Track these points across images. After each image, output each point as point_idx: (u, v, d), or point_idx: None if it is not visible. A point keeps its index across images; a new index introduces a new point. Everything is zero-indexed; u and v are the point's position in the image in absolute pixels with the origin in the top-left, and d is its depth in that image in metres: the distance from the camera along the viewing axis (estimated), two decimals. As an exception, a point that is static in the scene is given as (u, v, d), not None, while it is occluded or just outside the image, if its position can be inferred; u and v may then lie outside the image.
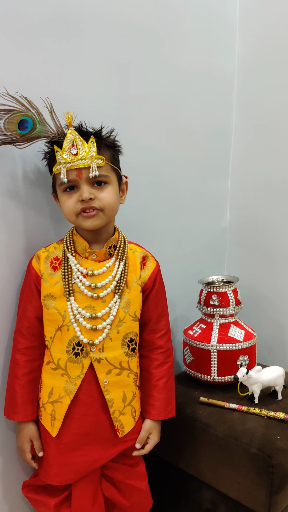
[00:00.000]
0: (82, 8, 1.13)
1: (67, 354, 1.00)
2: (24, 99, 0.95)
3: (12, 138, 0.94)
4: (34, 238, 1.11)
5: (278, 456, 1.06)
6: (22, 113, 0.94)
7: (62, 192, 0.98)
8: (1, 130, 0.93)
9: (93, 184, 0.96)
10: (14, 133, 0.94)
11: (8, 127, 0.93)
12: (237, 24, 1.59)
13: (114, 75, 1.23)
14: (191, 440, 1.21)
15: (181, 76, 1.43)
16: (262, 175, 1.59)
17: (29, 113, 0.95)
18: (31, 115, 0.95)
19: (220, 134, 1.62)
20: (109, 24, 1.19)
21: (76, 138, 0.93)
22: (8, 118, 0.93)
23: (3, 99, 0.94)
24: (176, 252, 1.54)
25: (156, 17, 1.32)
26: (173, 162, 1.47)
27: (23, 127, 0.94)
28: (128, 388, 1.04)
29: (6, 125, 0.93)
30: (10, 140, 0.94)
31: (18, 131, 0.94)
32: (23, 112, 0.94)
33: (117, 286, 1.02)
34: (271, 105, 1.53)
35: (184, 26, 1.41)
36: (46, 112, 0.98)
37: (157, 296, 1.09)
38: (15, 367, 1.02)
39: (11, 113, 0.93)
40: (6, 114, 0.93)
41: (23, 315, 1.03)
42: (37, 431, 1.04)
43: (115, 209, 1.01)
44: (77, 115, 0.97)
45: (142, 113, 1.33)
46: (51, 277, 1.01)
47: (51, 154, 1.00)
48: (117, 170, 1.01)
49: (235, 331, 1.34)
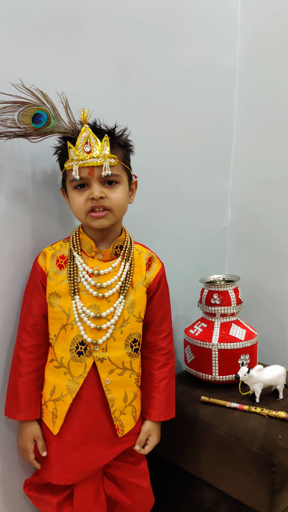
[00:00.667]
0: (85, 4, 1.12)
1: (71, 352, 0.99)
2: (39, 92, 0.94)
3: (25, 131, 0.94)
4: (39, 237, 1.11)
5: (280, 455, 1.06)
6: (36, 106, 0.93)
7: (72, 189, 0.97)
8: (15, 123, 0.92)
9: (104, 183, 0.95)
10: (28, 126, 0.93)
11: (23, 119, 0.93)
12: (238, 20, 1.59)
13: (116, 71, 1.23)
14: (192, 439, 1.21)
15: (183, 73, 1.43)
16: (264, 173, 1.59)
17: (44, 107, 0.94)
18: (45, 109, 0.94)
19: (221, 131, 1.62)
20: (111, 21, 1.19)
21: (90, 135, 0.92)
22: (23, 111, 0.92)
23: (18, 91, 0.93)
24: (177, 250, 1.54)
25: (158, 14, 1.32)
26: (174, 160, 1.46)
27: (37, 121, 0.94)
28: (130, 388, 1.04)
29: (20, 117, 0.92)
30: (24, 133, 0.94)
31: (32, 125, 0.93)
32: (38, 106, 0.94)
33: (122, 286, 1.01)
34: (273, 102, 1.53)
35: (186, 23, 1.41)
36: (60, 108, 0.97)
37: (161, 297, 1.09)
38: (18, 365, 1.01)
39: (26, 106, 0.92)
40: (21, 106, 0.92)
41: (28, 312, 1.02)
42: (41, 430, 1.03)
43: (124, 209, 1.01)
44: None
45: (143, 110, 1.33)
46: (56, 275, 1.01)
47: (63, 150, 0.99)
48: (128, 170, 1.01)
49: (236, 330, 1.34)
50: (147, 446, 1.08)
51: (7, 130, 0.92)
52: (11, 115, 0.92)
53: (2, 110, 0.92)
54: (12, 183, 1.04)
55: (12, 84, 0.94)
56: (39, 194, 1.09)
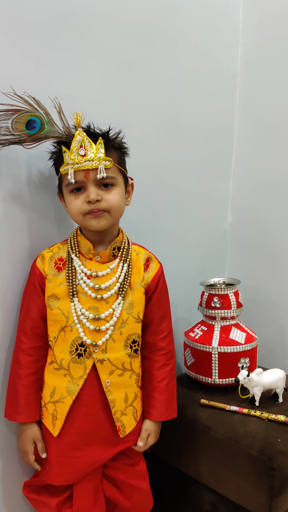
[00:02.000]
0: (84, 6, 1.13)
1: (70, 354, 1.00)
2: (32, 99, 0.95)
3: (20, 138, 0.94)
4: (37, 240, 1.11)
5: (279, 459, 1.06)
6: (30, 113, 0.94)
7: (68, 193, 0.98)
8: (9, 130, 0.93)
9: (100, 186, 0.96)
10: (22, 133, 0.94)
11: (16, 127, 0.93)
12: (240, 24, 1.59)
13: (116, 74, 1.23)
14: (192, 442, 1.21)
15: (184, 76, 1.43)
16: (264, 176, 1.59)
17: (37, 113, 0.95)
18: (39, 115, 0.95)
19: (222, 134, 1.62)
20: (112, 24, 1.19)
21: (85, 139, 0.93)
22: (16, 118, 0.93)
23: (10, 99, 0.94)
24: (178, 253, 1.54)
25: (159, 17, 1.32)
26: (175, 163, 1.47)
27: (31, 127, 0.94)
28: (130, 389, 1.04)
29: (14, 125, 0.93)
30: (18, 140, 0.94)
31: (26, 131, 0.94)
32: (31, 112, 0.94)
33: (120, 287, 1.01)
34: (274, 106, 1.53)
35: (187, 26, 1.42)
36: (54, 112, 0.97)
37: (159, 297, 1.09)
38: (18, 367, 1.02)
39: (19, 113, 0.93)
40: (14, 114, 0.93)
41: (27, 315, 1.03)
42: (41, 432, 1.04)
43: (121, 211, 1.01)
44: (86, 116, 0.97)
45: (144, 113, 1.33)
46: (55, 277, 1.01)
47: (58, 154, 1.00)
48: (124, 172, 1.01)
49: (236, 334, 1.34)
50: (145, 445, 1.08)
51: (1, 138, 0.93)
52: (5, 123, 0.92)
53: None
54: (9, 186, 1.04)
55: (3, 93, 0.95)
56: (36, 197, 1.10)
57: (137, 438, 1.08)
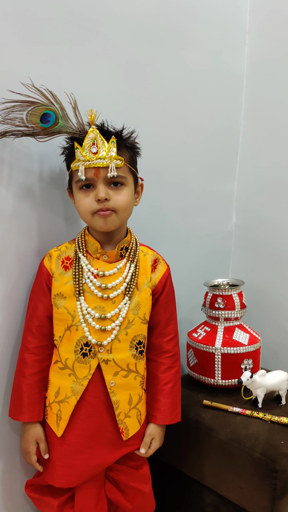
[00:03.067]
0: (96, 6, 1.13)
1: (75, 354, 0.99)
2: (48, 92, 0.95)
3: (33, 131, 0.94)
4: (46, 238, 1.11)
5: (282, 461, 1.05)
6: (45, 106, 0.94)
7: (78, 189, 0.97)
8: (23, 122, 0.93)
9: (109, 184, 0.95)
10: (36, 126, 0.94)
11: (31, 119, 0.93)
12: (247, 25, 1.59)
13: (124, 74, 1.23)
14: (194, 443, 1.21)
15: (191, 76, 1.43)
16: (269, 177, 1.59)
17: (52, 107, 0.95)
18: (54, 109, 0.95)
19: (227, 135, 1.62)
20: (122, 24, 1.19)
21: (97, 137, 0.93)
22: (31, 110, 0.93)
23: (28, 90, 0.94)
24: (182, 253, 1.54)
25: (168, 17, 1.32)
26: (180, 163, 1.46)
27: (45, 120, 0.94)
28: (135, 390, 1.04)
29: (28, 117, 0.93)
30: (31, 132, 0.94)
31: (40, 124, 0.94)
32: (46, 106, 0.94)
33: (127, 287, 1.01)
34: (279, 108, 1.53)
35: (195, 27, 1.41)
36: (69, 108, 0.97)
37: (166, 299, 1.08)
38: (23, 366, 1.01)
39: (35, 105, 0.93)
40: (29, 106, 0.93)
41: (33, 314, 1.02)
42: (44, 432, 1.03)
43: (129, 211, 1.01)
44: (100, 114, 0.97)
45: (150, 112, 1.33)
46: (62, 276, 1.01)
47: (70, 150, 1.00)
48: (134, 172, 1.01)
49: (240, 335, 1.34)
50: (149, 449, 1.08)
51: (15, 128, 0.93)
52: (20, 114, 0.93)
53: (11, 109, 0.92)
54: (20, 181, 1.04)
55: (22, 83, 0.95)
56: (46, 193, 1.10)
57: (141, 442, 1.07)
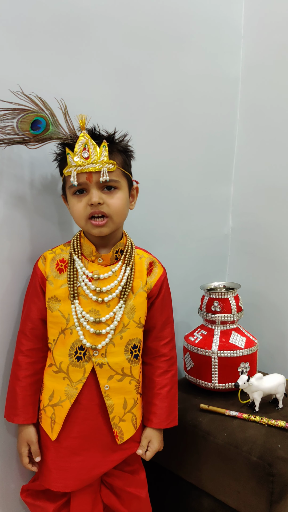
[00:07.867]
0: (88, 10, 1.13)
1: (70, 357, 0.99)
2: (38, 99, 0.95)
3: (24, 138, 0.94)
4: (38, 242, 1.11)
5: (279, 465, 1.05)
6: (35, 113, 0.94)
7: (71, 195, 0.97)
8: (14, 130, 0.92)
9: (103, 189, 0.95)
10: (27, 133, 0.94)
11: (21, 126, 0.93)
12: (242, 30, 1.60)
13: (119, 78, 1.24)
14: (191, 447, 1.20)
15: (186, 80, 1.44)
16: (265, 181, 1.59)
17: (42, 114, 0.94)
18: (44, 115, 0.95)
19: (223, 139, 1.63)
20: (114, 27, 1.20)
21: (88, 141, 0.93)
22: (22, 118, 0.93)
23: (17, 98, 0.94)
24: (178, 257, 1.54)
25: (162, 22, 1.33)
26: (176, 167, 1.47)
27: (36, 127, 0.94)
28: (130, 394, 1.03)
29: (19, 124, 0.93)
30: (22, 140, 0.94)
31: (30, 131, 0.94)
32: (36, 112, 0.94)
33: (122, 291, 1.01)
34: (275, 111, 1.53)
35: (190, 31, 1.42)
36: (59, 114, 0.97)
37: (162, 303, 1.08)
38: (17, 369, 1.01)
39: (25, 112, 0.93)
40: (19, 113, 0.93)
41: (27, 317, 1.02)
42: (36, 435, 1.03)
43: (124, 215, 1.01)
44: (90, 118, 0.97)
45: (145, 117, 1.33)
46: (56, 279, 1.01)
47: (62, 156, 0.99)
48: (128, 175, 1.01)
49: (236, 338, 1.34)
50: (148, 452, 1.07)
51: (6, 137, 0.93)
52: (10, 122, 0.92)
53: (1, 118, 0.92)
54: (11, 188, 1.04)
55: (11, 91, 0.95)
56: (38, 199, 1.09)
57: (137, 446, 1.06)
